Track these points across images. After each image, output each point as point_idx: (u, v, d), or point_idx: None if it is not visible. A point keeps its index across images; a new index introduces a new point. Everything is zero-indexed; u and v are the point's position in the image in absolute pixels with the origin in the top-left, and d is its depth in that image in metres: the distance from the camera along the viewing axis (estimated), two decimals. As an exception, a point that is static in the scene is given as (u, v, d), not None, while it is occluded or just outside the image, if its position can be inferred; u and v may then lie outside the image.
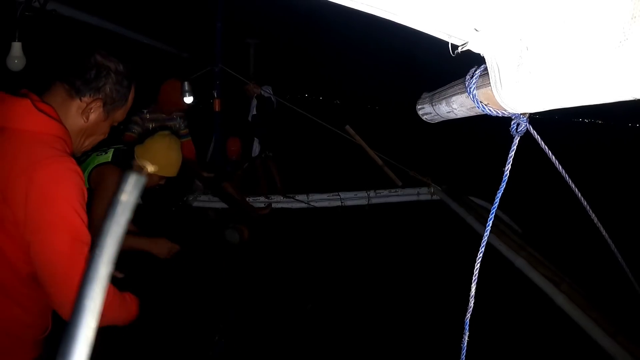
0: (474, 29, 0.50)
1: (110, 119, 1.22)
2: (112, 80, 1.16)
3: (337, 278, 3.80)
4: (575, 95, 0.46)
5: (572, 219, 2.88)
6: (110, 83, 1.16)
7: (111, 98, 1.17)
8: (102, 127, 1.22)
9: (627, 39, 0.36)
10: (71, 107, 1.13)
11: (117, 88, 1.18)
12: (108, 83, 1.15)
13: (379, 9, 0.50)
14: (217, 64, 4.61)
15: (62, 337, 0.28)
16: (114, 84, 1.17)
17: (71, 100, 1.13)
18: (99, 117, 1.17)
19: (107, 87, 1.16)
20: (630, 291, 1.22)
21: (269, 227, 4.16)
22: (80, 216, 1.03)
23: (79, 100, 1.13)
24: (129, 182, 0.31)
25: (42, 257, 0.99)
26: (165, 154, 2.10)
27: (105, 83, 1.15)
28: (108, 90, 1.16)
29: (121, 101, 1.21)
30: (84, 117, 1.14)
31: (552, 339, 3.20)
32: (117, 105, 1.20)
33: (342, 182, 5.14)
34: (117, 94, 1.19)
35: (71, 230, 1.01)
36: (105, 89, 1.15)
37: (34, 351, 1.18)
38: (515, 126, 0.65)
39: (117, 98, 1.19)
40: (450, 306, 2.22)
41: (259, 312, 3.17)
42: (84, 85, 1.12)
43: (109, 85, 1.16)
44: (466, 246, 1.72)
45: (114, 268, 0.30)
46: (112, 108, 1.20)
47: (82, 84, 1.12)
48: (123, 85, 1.19)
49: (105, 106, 1.17)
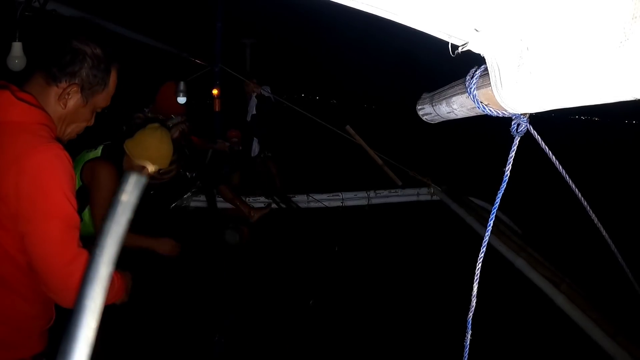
0: (475, 29, 0.50)
1: (91, 104, 1.19)
2: (88, 64, 1.13)
3: (338, 278, 3.80)
4: (576, 95, 0.46)
5: (572, 220, 2.88)
6: (86, 67, 1.13)
7: (88, 83, 1.14)
8: (83, 113, 1.19)
9: (627, 39, 0.36)
10: (50, 94, 1.11)
11: (94, 72, 1.15)
12: (84, 67, 1.12)
13: (379, 9, 0.50)
14: (217, 63, 4.61)
15: (62, 337, 0.28)
16: (90, 68, 1.13)
17: (49, 87, 1.11)
18: (77, 103, 1.15)
19: (83, 71, 1.13)
20: (630, 291, 1.22)
21: (269, 227, 4.16)
22: (70, 201, 1.03)
23: (55, 86, 1.11)
24: (129, 182, 0.31)
25: (37, 246, 1.00)
26: (157, 147, 2.11)
27: (80, 67, 1.12)
28: (84, 75, 1.13)
29: (99, 85, 1.18)
30: (61, 103, 1.12)
31: (552, 339, 3.20)
32: (95, 90, 1.17)
33: (342, 182, 5.14)
34: (95, 79, 1.15)
35: (63, 216, 1.01)
36: (81, 74, 1.12)
37: (41, 343, 1.18)
38: (516, 126, 0.65)
39: (95, 82, 1.16)
40: (450, 306, 2.22)
41: (259, 312, 3.17)
42: (59, 70, 1.10)
43: (85, 70, 1.13)
44: (466, 247, 1.72)
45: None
46: (91, 93, 1.17)
47: (57, 69, 1.10)
48: (100, 69, 1.16)
49: (83, 91, 1.15)
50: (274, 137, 5.62)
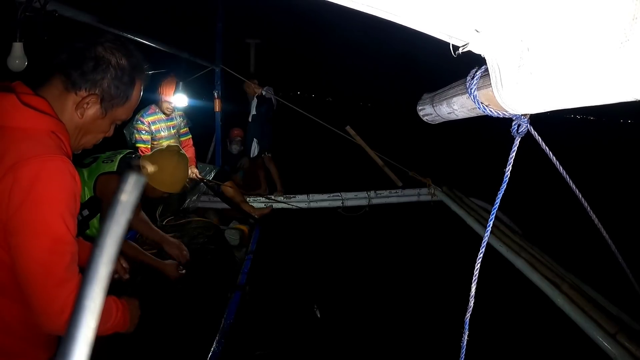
0: (475, 30, 0.50)
1: (110, 116, 1.11)
2: (111, 74, 1.06)
3: (338, 278, 3.80)
4: (576, 96, 0.46)
5: (572, 220, 2.88)
6: (108, 78, 1.06)
7: (109, 94, 1.07)
8: (101, 125, 1.12)
9: (628, 39, 0.36)
10: (67, 101, 1.05)
11: (117, 84, 1.07)
12: (106, 77, 1.05)
13: (380, 10, 0.50)
14: (218, 64, 4.61)
15: (62, 338, 0.27)
16: (113, 79, 1.06)
17: (67, 93, 1.04)
18: (95, 113, 1.08)
19: (105, 82, 1.06)
20: (630, 291, 1.22)
21: (269, 227, 4.16)
22: (65, 222, 0.94)
23: (74, 93, 1.04)
24: (129, 182, 0.31)
25: (20, 262, 0.92)
26: (171, 172, 2.11)
27: (103, 77, 1.05)
28: (106, 86, 1.06)
29: (121, 99, 1.10)
30: (78, 112, 1.05)
31: (552, 339, 3.20)
32: (116, 102, 1.10)
33: (342, 182, 5.14)
34: (116, 90, 1.08)
35: (52, 236, 0.93)
36: (102, 84, 1.05)
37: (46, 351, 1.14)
38: (516, 127, 0.65)
39: (116, 95, 1.08)
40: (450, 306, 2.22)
41: (259, 312, 3.17)
42: (80, 77, 1.03)
43: (107, 80, 1.06)
44: (466, 247, 1.72)
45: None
46: (111, 105, 1.09)
47: (78, 76, 1.03)
48: (123, 82, 1.09)
49: (103, 102, 1.07)
50: (273, 138, 5.63)
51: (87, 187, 2.03)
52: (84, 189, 2.03)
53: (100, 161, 2.06)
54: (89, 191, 2.04)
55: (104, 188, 1.97)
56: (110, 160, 2.06)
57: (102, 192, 1.97)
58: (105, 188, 1.97)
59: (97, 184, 1.99)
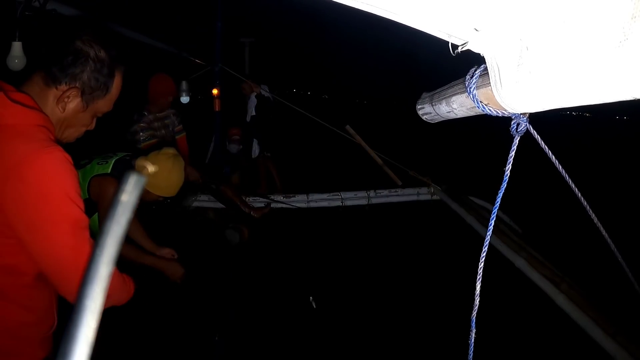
0: (474, 29, 0.50)
1: (91, 109, 1.14)
2: (90, 67, 1.08)
3: (338, 278, 3.80)
4: (575, 95, 0.46)
5: (572, 219, 2.88)
6: (88, 71, 1.07)
7: (89, 87, 1.09)
8: (82, 118, 1.14)
9: (627, 38, 0.36)
10: (48, 96, 1.07)
11: (96, 76, 1.09)
12: (86, 70, 1.07)
13: (379, 8, 0.50)
14: (217, 63, 4.61)
15: (63, 337, 0.28)
16: (92, 71, 1.08)
17: (48, 88, 1.06)
18: (76, 107, 1.10)
19: (85, 74, 1.07)
20: (630, 291, 1.22)
21: (269, 227, 4.16)
22: (77, 203, 1.00)
23: (55, 88, 1.07)
24: (129, 182, 0.31)
25: (48, 254, 0.98)
26: (166, 176, 2.07)
27: (82, 70, 1.07)
28: (85, 79, 1.08)
29: (101, 90, 1.12)
30: (59, 106, 1.08)
31: (552, 339, 3.20)
32: (96, 94, 1.12)
33: (342, 182, 5.14)
34: (96, 83, 1.10)
35: (72, 220, 0.98)
36: (82, 77, 1.07)
37: (44, 349, 1.16)
38: (515, 126, 0.65)
39: (96, 87, 1.10)
40: (450, 306, 2.23)
41: (259, 312, 3.17)
42: (60, 72, 1.05)
43: (87, 73, 1.08)
44: (466, 246, 1.72)
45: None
46: (92, 98, 1.11)
47: (58, 70, 1.05)
48: (103, 74, 1.10)
49: (84, 95, 1.09)
50: (273, 138, 5.62)
51: (81, 189, 2.01)
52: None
53: (94, 162, 2.04)
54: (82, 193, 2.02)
55: (98, 190, 1.94)
56: (105, 162, 2.03)
57: (95, 194, 1.94)
58: (98, 190, 1.94)
59: (91, 186, 1.96)
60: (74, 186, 1.01)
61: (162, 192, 2.09)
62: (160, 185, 2.06)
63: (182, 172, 2.16)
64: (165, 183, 2.08)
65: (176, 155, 2.15)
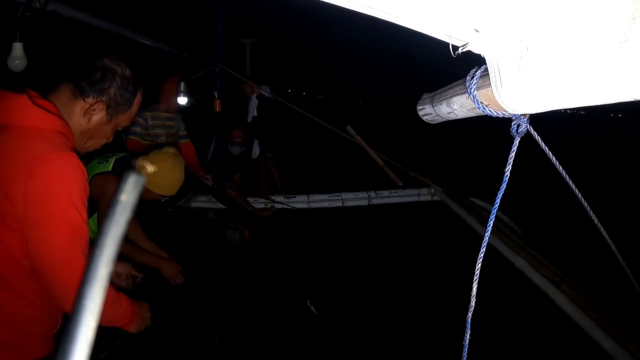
0: (475, 30, 0.50)
1: (114, 122, 1.22)
2: (117, 84, 1.16)
3: (338, 278, 3.80)
4: (576, 96, 0.46)
5: (572, 220, 2.88)
6: (114, 86, 1.16)
7: (115, 102, 1.18)
8: (105, 130, 1.22)
9: (627, 39, 0.36)
10: (75, 107, 1.14)
11: (122, 92, 1.18)
12: (113, 86, 1.16)
13: (379, 11, 0.50)
14: (217, 64, 4.61)
15: (62, 337, 0.28)
16: (119, 87, 1.17)
17: (75, 100, 1.13)
18: (101, 119, 1.18)
19: (112, 90, 1.16)
20: (630, 291, 1.22)
21: (269, 227, 4.16)
22: (80, 212, 1.03)
23: (82, 100, 1.14)
24: (129, 182, 0.31)
25: (42, 253, 1.01)
26: (167, 175, 2.09)
27: (110, 86, 1.15)
28: (112, 94, 1.16)
29: (125, 106, 1.21)
30: (86, 118, 1.14)
31: (552, 339, 3.20)
32: (120, 109, 1.20)
33: (342, 182, 5.14)
34: (121, 98, 1.19)
35: (70, 226, 1.01)
36: (109, 92, 1.16)
37: (45, 348, 1.17)
38: (516, 127, 0.65)
39: (121, 102, 1.19)
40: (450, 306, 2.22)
41: (259, 312, 3.17)
42: (88, 86, 1.13)
43: (114, 89, 1.16)
44: (466, 247, 1.72)
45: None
46: (116, 112, 1.20)
47: (87, 84, 1.12)
48: (128, 90, 1.20)
49: (109, 109, 1.17)
50: (274, 139, 5.62)
51: None
52: None
53: (95, 162, 2.05)
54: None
55: (99, 188, 1.94)
56: (105, 161, 2.05)
57: (97, 192, 1.94)
58: (100, 188, 1.94)
59: (92, 184, 1.96)
60: (80, 194, 1.04)
61: (163, 191, 2.11)
62: (160, 184, 2.08)
63: (182, 171, 2.17)
64: (166, 182, 2.10)
65: (176, 155, 2.17)
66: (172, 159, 2.13)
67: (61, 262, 1.00)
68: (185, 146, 3.90)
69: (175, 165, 2.13)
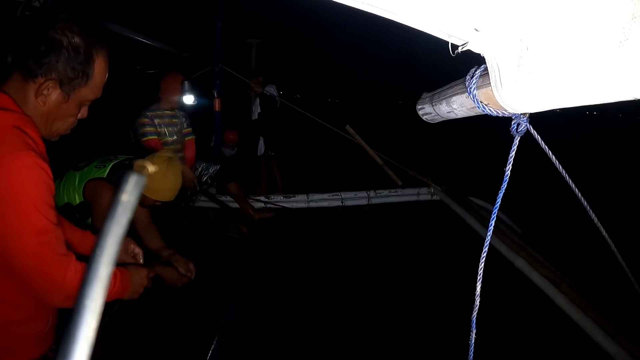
0: (474, 29, 0.50)
1: (75, 99, 1.07)
2: (64, 56, 1.00)
3: (338, 278, 3.80)
4: (576, 95, 0.46)
5: (572, 220, 2.88)
6: (62, 60, 1.00)
7: (67, 77, 1.02)
8: (67, 109, 1.07)
9: (627, 39, 0.36)
10: (28, 91, 1.01)
11: (72, 65, 1.02)
12: (60, 60, 1.00)
13: (379, 9, 0.50)
14: (217, 63, 4.62)
15: (63, 337, 0.28)
16: (67, 60, 1.01)
17: (26, 83, 1.00)
18: (57, 99, 1.04)
19: (60, 64, 1.00)
20: (630, 291, 1.22)
21: (270, 227, 4.16)
22: (44, 214, 0.96)
23: (32, 82, 1.00)
24: (129, 182, 0.31)
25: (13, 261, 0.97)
26: (160, 180, 2.00)
27: (57, 60, 1.00)
28: (61, 69, 1.01)
29: (81, 79, 1.04)
30: (39, 100, 1.02)
31: (552, 339, 3.20)
32: (77, 83, 1.04)
33: (342, 182, 5.14)
34: (73, 72, 1.02)
35: (35, 231, 0.96)
36: (57, 68, 1.00)
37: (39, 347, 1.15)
38: (516, 126, 0.65)
39: (74, 76, 1.03)
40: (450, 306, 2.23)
41: (260, 312, 3.17)
42: (35, 64, 0.99)
43: (62, 63, 1.00)
44: (466, 246, 1.72)
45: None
46: (72, 87, 1.04)
47: (33, 63, 0.99)
48: (79, 61, 1.02)
49: (63, 86, 1.03)
50: (279, 137, 5.61)
51: (77, 192, 1.99)
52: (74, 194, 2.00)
53: (93, 165, 2.01)
54: (79, 197, 1.99)
55: (92, 194, 1.92)
56: (103, 165, 2.00)
57: (89, 197, 1.92)
58: (92, 194, 1.91)
59: (86, 189, 1.94)
60: (42, 195, 0.96)
61: (158, 196, 2.02)
62: (154, 189, 1.99)
63: (178, 175, 2.08)
64: (160, 186, 2.01)
65: (171, 159, 2.08)
66: (166, 163, 2.03)
67: (34, 266, 0.97)
68: (189, 144, 3.91)
69: (169, 169, 2.04)
